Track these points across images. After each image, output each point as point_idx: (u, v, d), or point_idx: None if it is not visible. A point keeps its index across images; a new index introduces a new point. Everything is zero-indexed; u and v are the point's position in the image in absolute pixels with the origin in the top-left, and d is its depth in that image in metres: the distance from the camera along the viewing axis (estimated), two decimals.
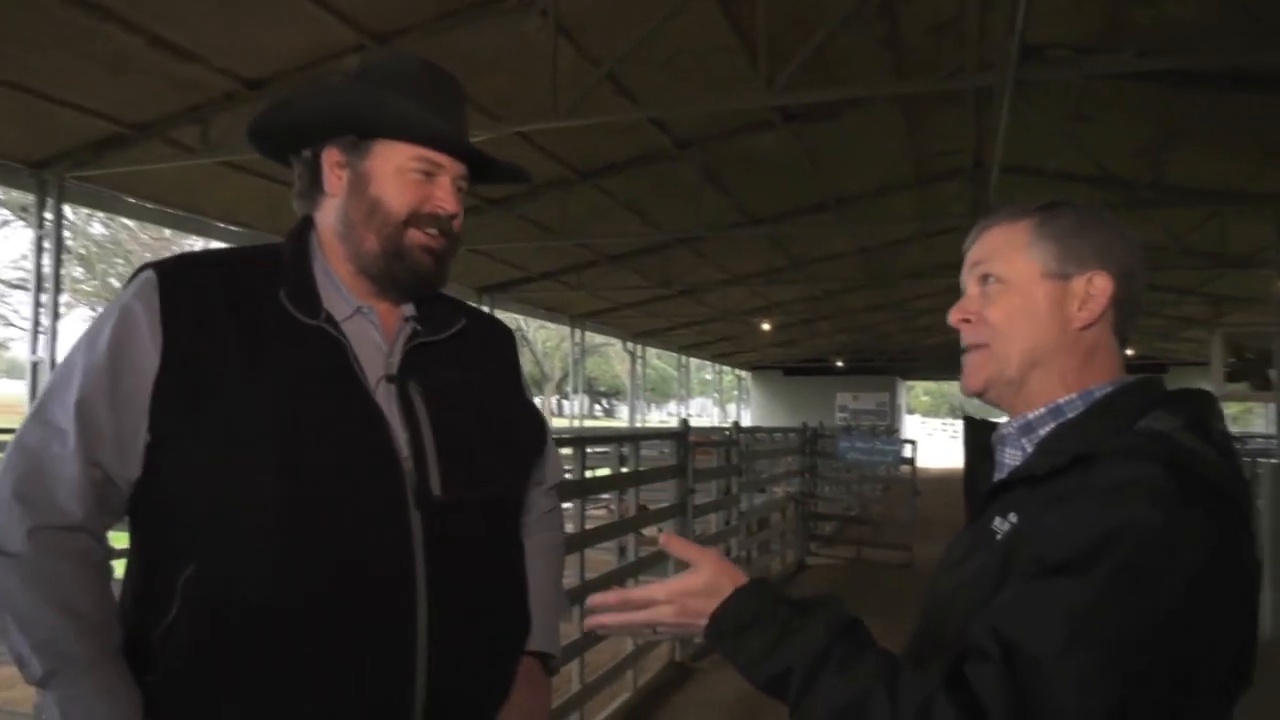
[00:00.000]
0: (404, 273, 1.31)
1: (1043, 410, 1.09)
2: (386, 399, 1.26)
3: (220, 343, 1.21)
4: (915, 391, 50.44)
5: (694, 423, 6.34)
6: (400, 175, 1.30)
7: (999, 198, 8.74)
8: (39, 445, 1.18)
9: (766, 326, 19.74)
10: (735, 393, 33.99)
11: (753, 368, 31.86)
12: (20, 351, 19.28)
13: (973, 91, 7.96)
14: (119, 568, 1.29)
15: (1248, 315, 15.97)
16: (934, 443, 35.14)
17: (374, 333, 1.31)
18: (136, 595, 1.23)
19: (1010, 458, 1.13)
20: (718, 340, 24.37)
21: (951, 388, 60.82)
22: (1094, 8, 6.62)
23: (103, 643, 1.15)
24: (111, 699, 1.13)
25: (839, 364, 29.24)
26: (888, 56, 7.63)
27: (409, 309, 1.36)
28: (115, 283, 26.94)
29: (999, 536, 1.03)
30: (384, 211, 1.30)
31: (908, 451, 9.93)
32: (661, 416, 43.82)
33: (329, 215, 1.34)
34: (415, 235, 1.30)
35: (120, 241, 25.62)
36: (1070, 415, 1.07)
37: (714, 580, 1.00)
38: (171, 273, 1.25)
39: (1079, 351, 1.08)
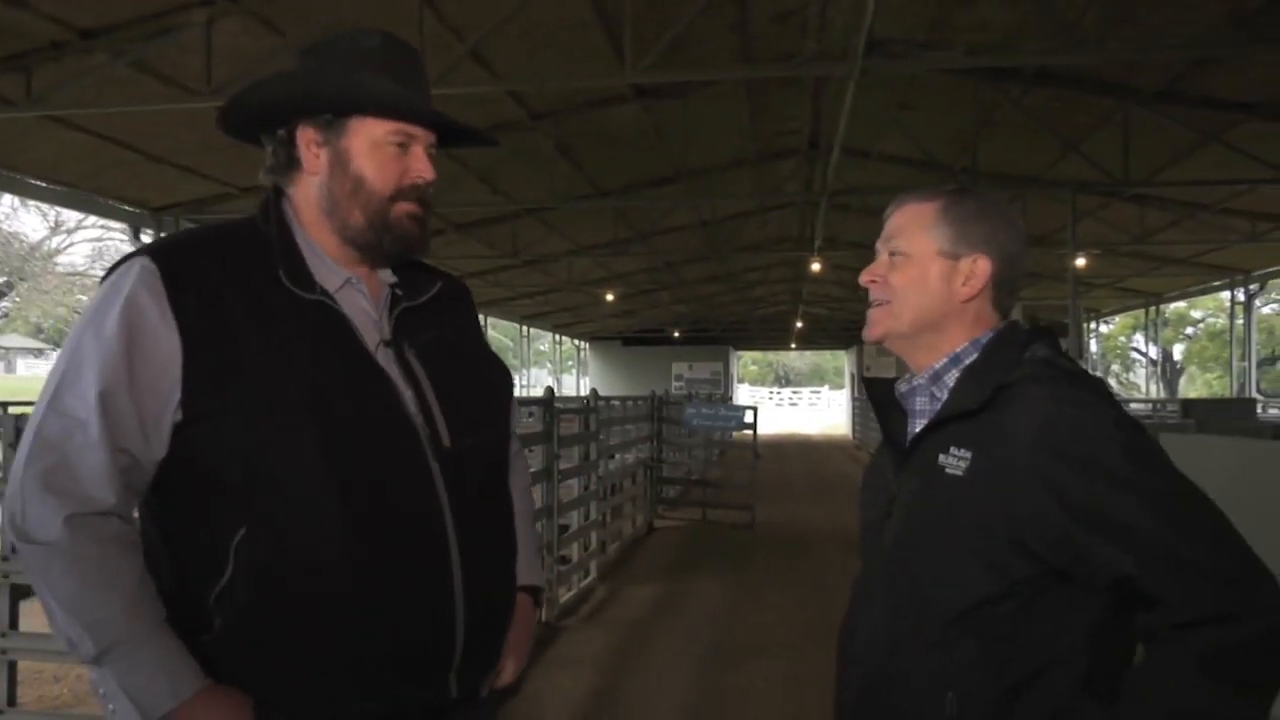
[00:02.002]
0: (392, 243, 1.38)
1: (945, 360, 1.33)
2: (387, 362, 1.35)
3: (231, 321, 1.26)
4: (744, 361, 52.31)
5: (542, 393, 6.54)
6: (378, 150, 1.36)
7: (835, 179, 9.34)
8: (60, 437, 1.21)
9: (610, 297, 20.07)
10: (571, 363, 34.22)
11: (592, 338, 32.19)
12: None
13: (811, 77, 8.45)
14: None
15: (1044, 290, 17.60)
16: (764, 409, 36.65)
17: (364, 301, 1.38)
18: (180, 564, 1.28)
19: (922, 404, 1.36)
20: (559, 310, 24.53)
21: (778, 357, 63.41)
22: (922, 7, 7.18)
23: (149, 616, 1.21)
24: (166, 666, 1.19)
25: (676, 334, 29.97)
26: (735, 40, 7.99)
27: (388, 275, 1.42)
28: None
29: (958, 472, 1.23)
30: (368, 188, 1.36)
31: (748, 417, 10.46)
32: None
33: (309, 191, 1.38)
34: (401, 207, 1.38)
35: None
36: (969, 360, 1.32)
37: None
38: (168, 258, 1.29)
39: (965, 318, 1.33)
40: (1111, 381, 38.18)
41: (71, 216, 26.82)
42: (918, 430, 1.34)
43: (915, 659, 1.25)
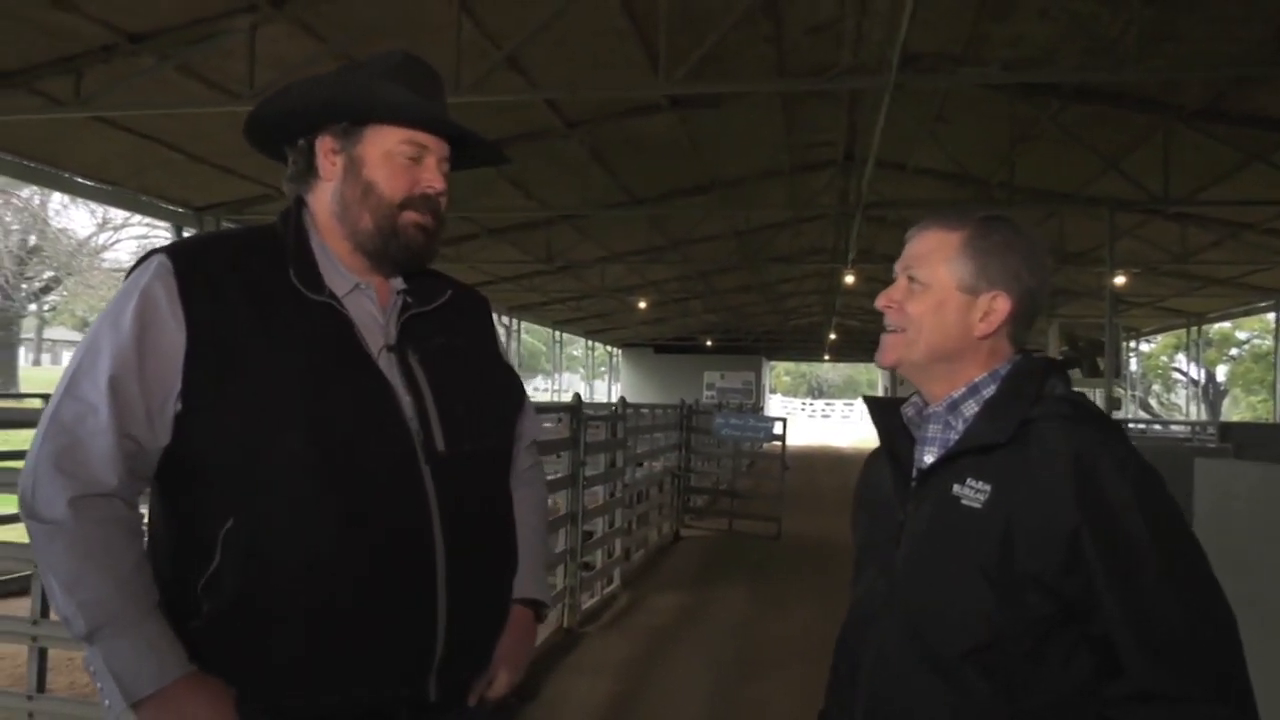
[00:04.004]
0: (399, 250, 1.42)
1: (963, 390, 1.32)
2: (389, 367, 1.38)
3: (238, 318, 1.31)
4: (777, 371, 52.15)
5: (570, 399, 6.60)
6: (390, 159, 1.40)
7: (870, 191, 9.30)
8: (74, 420, 1.26)
9: (642, 304, 20.11)
10: (604, 369, 34.31)
11: (624, 344, 32.25)
12: None
13: (847, 89, 8.44)
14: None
15: (1082, 308, 17.36)
16: (795, 421, 36.55)
17: (371, 306, 1.42)
18: (174, 551, 1.32)
19: (935, 433, 1.34)
20: (591, 316, 24.60)
21: (811, 369, 63.00)
22: (958, 22, 7.15)
23: (142, 600, 1.24)
24: (152, 650, 1.22)
25: (708, 343, 29.94)
26: (770, 52, 8.00)
27: (399, 282, 1.46)
28: None
29: (975, 504, 1.23)
30: (378, 194, 1.40)
31: (779, 429, 10.42)
32: (529, 391, 43.64)
33: (324, 197, 1.43)
34: (410, 215, 1.42)
35: None
36: (986, 392, 1.30)
37: None
38: (184, 256, 1.34)
39: (981, 351, 1.32)
40: (1152, 402, 37.56)
41: (118, 214, 27.37)
42: (929, 458, 1.33)
43: (924, 692, 1.25)
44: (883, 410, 1.43)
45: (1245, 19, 6.47)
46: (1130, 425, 17.00)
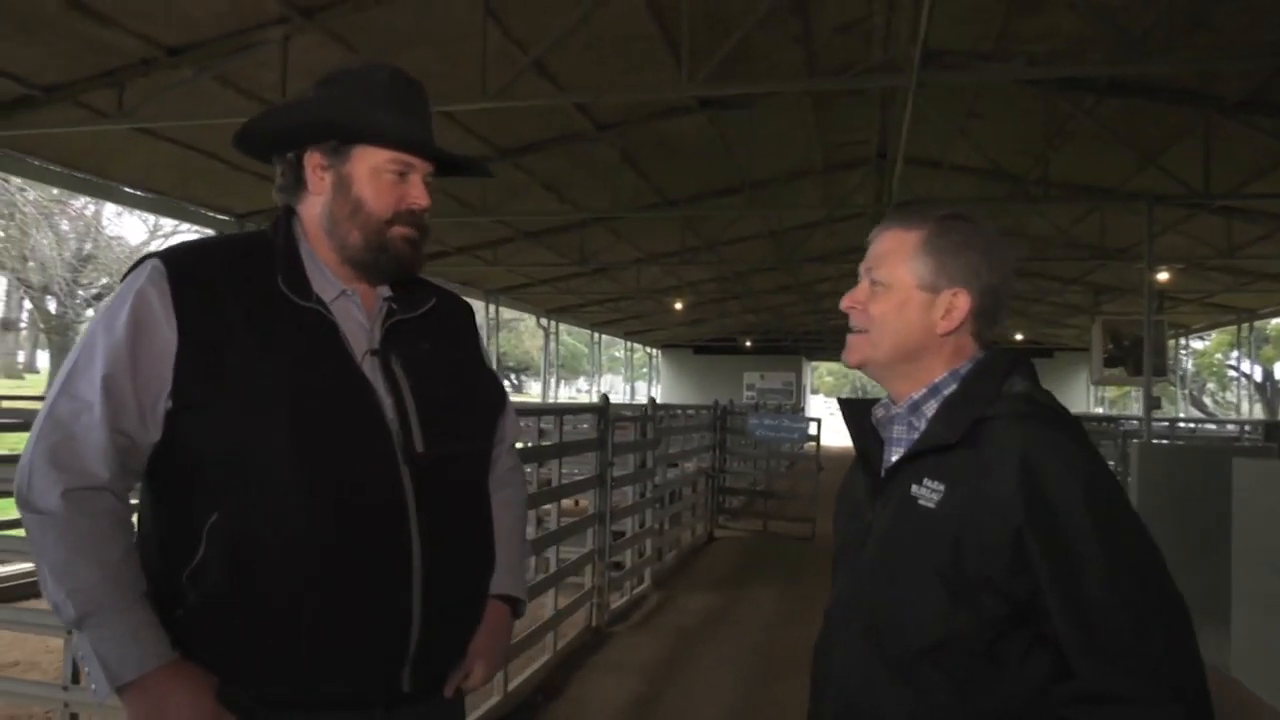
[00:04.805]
0: (387, 262, 1.48)
1: (924, 390, 1.33)
2: (372, 370, 1.44)
3: (228, 322, 1.36)
4: (820, 372, 51.76)
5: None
6: (377, 176, 1.46)
7: (901, 189, 9.23)
8: (69, 416, 1.32)
9: (678, 305, 20.12)
10: (645, 370, 34.39)
11: (663, 345, 32.27)
12: None
13: (878, 87, 8.39)
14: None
15: (1127, 305, 17.01)
16: (837, 421, 36.18)
17: (357, 312, 1.48)
18: (162, 543, 1.37)
19: (899, 433, 1.36)
20: (629, 318, 24.65)
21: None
22: (988, 17, 7.07)
23: (128, 589, 1.30)
24: (137, 638, 1.28)
25: (747, 343, 29.84)
26: (798, 51, 7.98)
27: (385, 290, 1.52)
28: None
29: (930, 504, 1.24)
30: (366, 211, 1.46)
31: (813, 429, 10.38)
32: (570, 393, 43.95)
33: (313, 210, 1.49)
34: (397, 230, 1.48)
35: (14, 203, 24.44)
36: (947, 391, 1.32)
37: None
38: (177, 261, 1.40)
39: (944, 349, 1.33)
40: (1206, 400, 36.61)
41: (168, 222, 28.02)
42: (894, 459, 1.34)
43: (887, 693, 1.26)
44: (854, 412, 1.45)
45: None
46: (1180, 425, 16.64)
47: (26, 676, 4.52)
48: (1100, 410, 28.18)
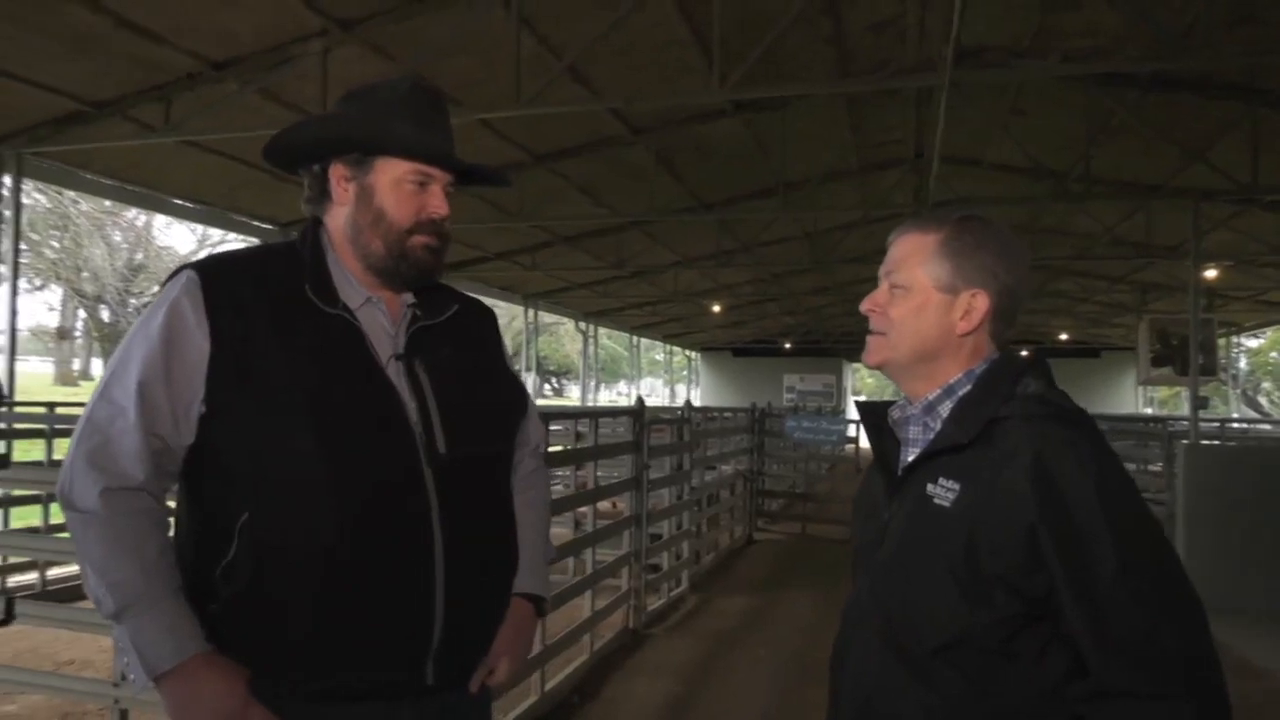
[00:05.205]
0: (409, 269, 1.54)
1: (939, 391, 1.35)
2: (396, 375, 1.49)
3: (258, 329, 1.42)
4: (861, 374, 51.35)
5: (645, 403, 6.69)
6: (399, 187, 1.51)
7: (939, 188, 9.15)
8: (106, 421, 1.39)
9: (716, 308, 20.12)
10: (685, 373, 34.39)
11: (703, 348, 32.25)
12: None
13: (914, 87, 8.32)
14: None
15: (1175, 304, 16.66)
16: None
17: (382, 318, 1.53)
18: (197, 541, 1.44)
19: (915, 434, 1.38)
20: (668, 321, 24.69)
21: None
22: (1025, 14, 6.99)
23: (165, 584, 1.36)
24: (173, 629, 1.34)
25: (786, 345, 29.73)
26: (831, 52, 7.95)
27: (409, 296, 1.57)
28: (49, 254, 26.50)
29: (945, 503, 1.26)
30: (388, 221, 1.51)
31: (851, 431, 10.31)
32: (611, 396, 44.06)
33: (338, 220, 1.55)
34: (418, 239, 1.54)
35: (68, 215, 25.15)
36: (962, 392, 1.34)
37: None
38: (210, 271, 1.46)
39: (962, 350, 1.35)
40: (1261, 400, 35.73)
41: (216, 232, 28.64)
42: (910, 459, 1.36)
43: (902, 691, 1.28)
44: (871, 413, 1.47)
45: None
46: (1233, 425, 16.25)
47: (82, 674, 4.66)
48: (1150, 411, 27.63)
